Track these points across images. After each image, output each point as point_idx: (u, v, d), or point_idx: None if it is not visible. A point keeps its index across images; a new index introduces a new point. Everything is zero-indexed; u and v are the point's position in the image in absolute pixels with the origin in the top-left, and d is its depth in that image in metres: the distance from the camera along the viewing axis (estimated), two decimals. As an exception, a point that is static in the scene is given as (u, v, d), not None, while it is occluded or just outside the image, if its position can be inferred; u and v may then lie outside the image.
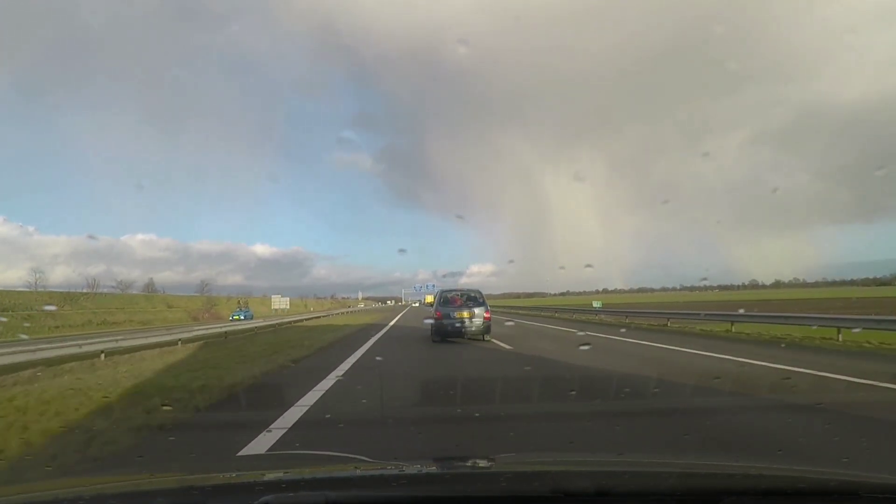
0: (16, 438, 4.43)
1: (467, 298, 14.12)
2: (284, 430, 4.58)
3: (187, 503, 1.37)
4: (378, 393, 6.58)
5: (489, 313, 13.93)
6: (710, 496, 1.30)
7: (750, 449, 3.97)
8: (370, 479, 1.62)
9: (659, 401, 5.86)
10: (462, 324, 13.47)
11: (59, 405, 5.69)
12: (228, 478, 1.64)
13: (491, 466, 1.76)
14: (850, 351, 10.47)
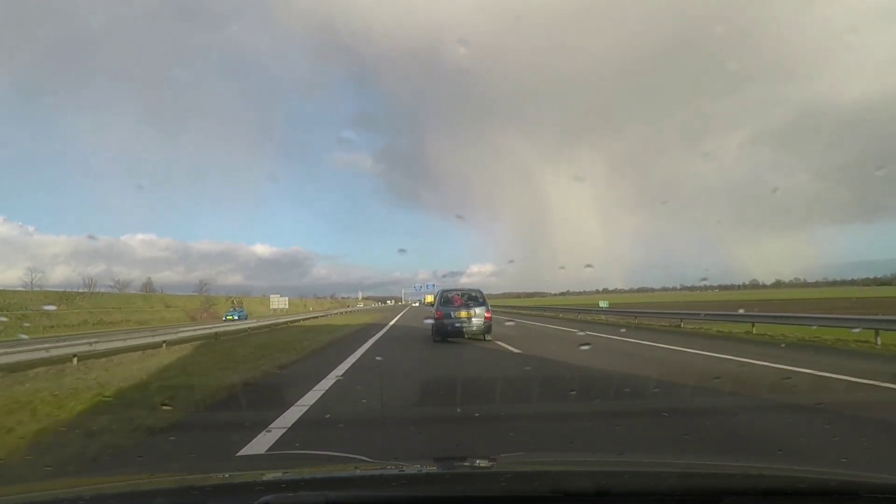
0: None
1: (468, 298, 14.10)
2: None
3: (187, 503, 1.37)
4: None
5: (490, 313, 13.92)
6: (710, 496, 1.30)
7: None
8: (370, 479, 1.62)
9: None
10: (463, 323, 13.44)
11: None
12: (228, 478, 1.64)
13: (491, 466, 1.76)
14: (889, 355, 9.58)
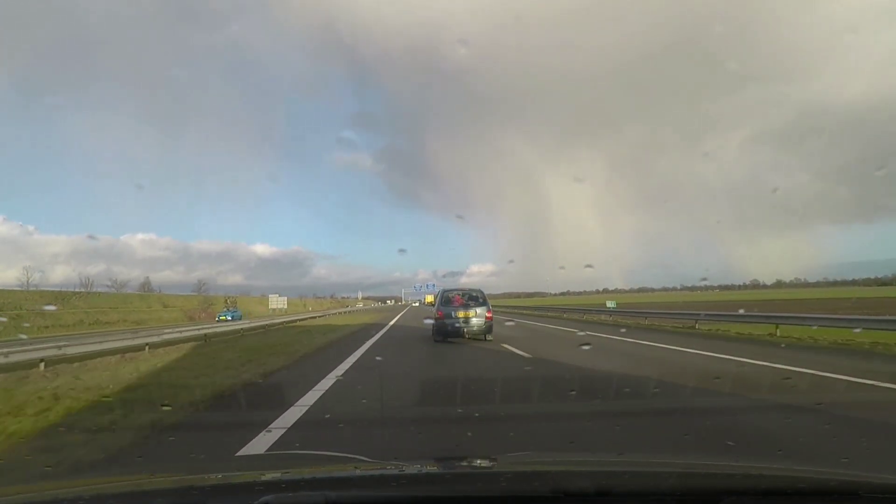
0: None
1: (469, 298, 14.08)
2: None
3: (187, 503, 1.37)
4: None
5: (491, 313, 13.92)
6: (710, 496, 1.30)
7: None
8: (370, 479, 1.61)
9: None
10: (463, 323, 13.43)
11: None
12: (228, 478, 1.64)
13: (491, 466, 1.76)
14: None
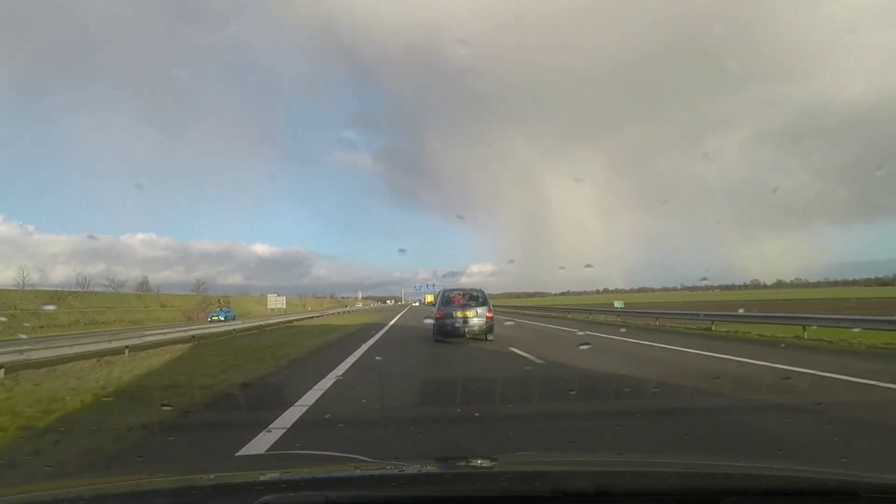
0: None
1: (470, 298, 14.07)
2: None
3: (187, 503, 1.37)
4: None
5: (492, 313, 13.90)
6: (710, 496, 1.30)
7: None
8: (370, 479, 1.61)
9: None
10: (464, 323, 13.42)
11: None
12: (228, 478, 1.64)
13: (491, 466, 1.76)
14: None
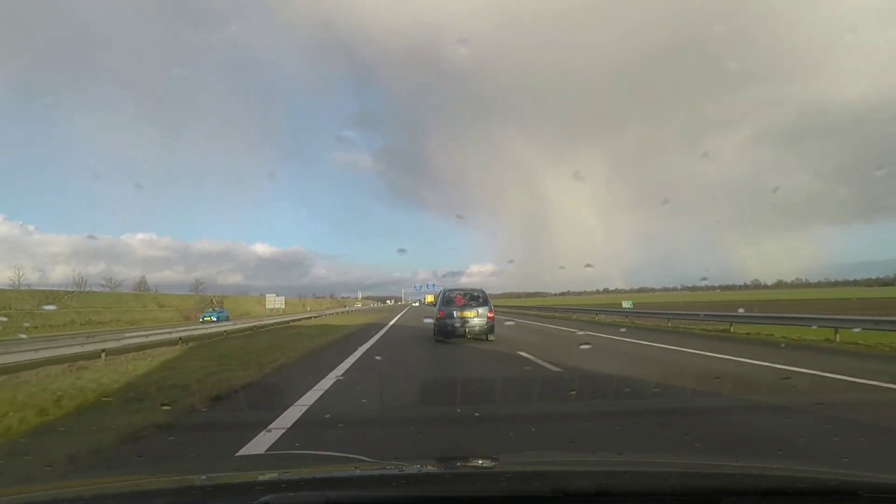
0: None
1: (470, 298, 14.05)
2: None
3: (187, 503, 1.37)
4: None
5: (493, 313, 13.88)
6: (710, 496, 1.30)
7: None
8: (370, 479, 1.61)
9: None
10: (465, 323, 13.41)
11: None
12: (228, 478, 1.64)
13: (491, 466, 1.76)
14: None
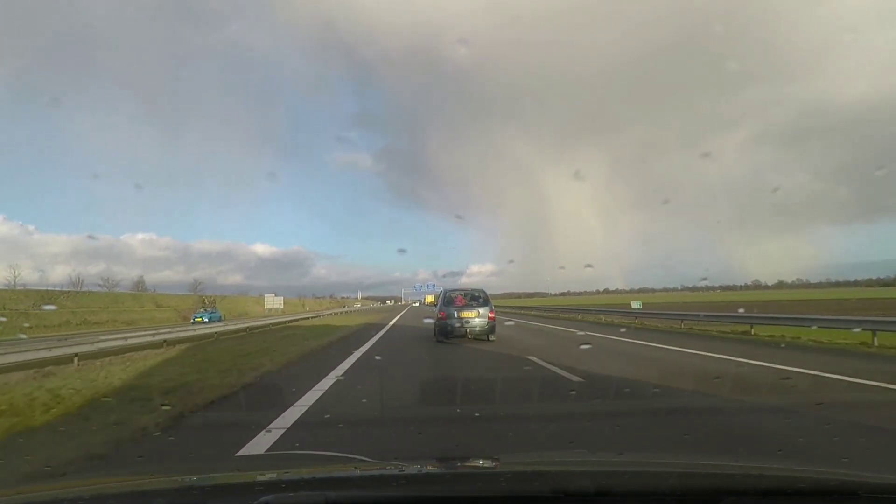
0: None
1: (471, 298, 14.03)
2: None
3: (187, 503, 1.37)
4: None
5: (493, 313, 13.85)
6: (710, 496, 1.30)
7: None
8: (370, 479, 1.61)
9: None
10: (466, 323, 13.38)
11: None
12: (228, 478, 1.64)
13: (491, 466, 1.76)
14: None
